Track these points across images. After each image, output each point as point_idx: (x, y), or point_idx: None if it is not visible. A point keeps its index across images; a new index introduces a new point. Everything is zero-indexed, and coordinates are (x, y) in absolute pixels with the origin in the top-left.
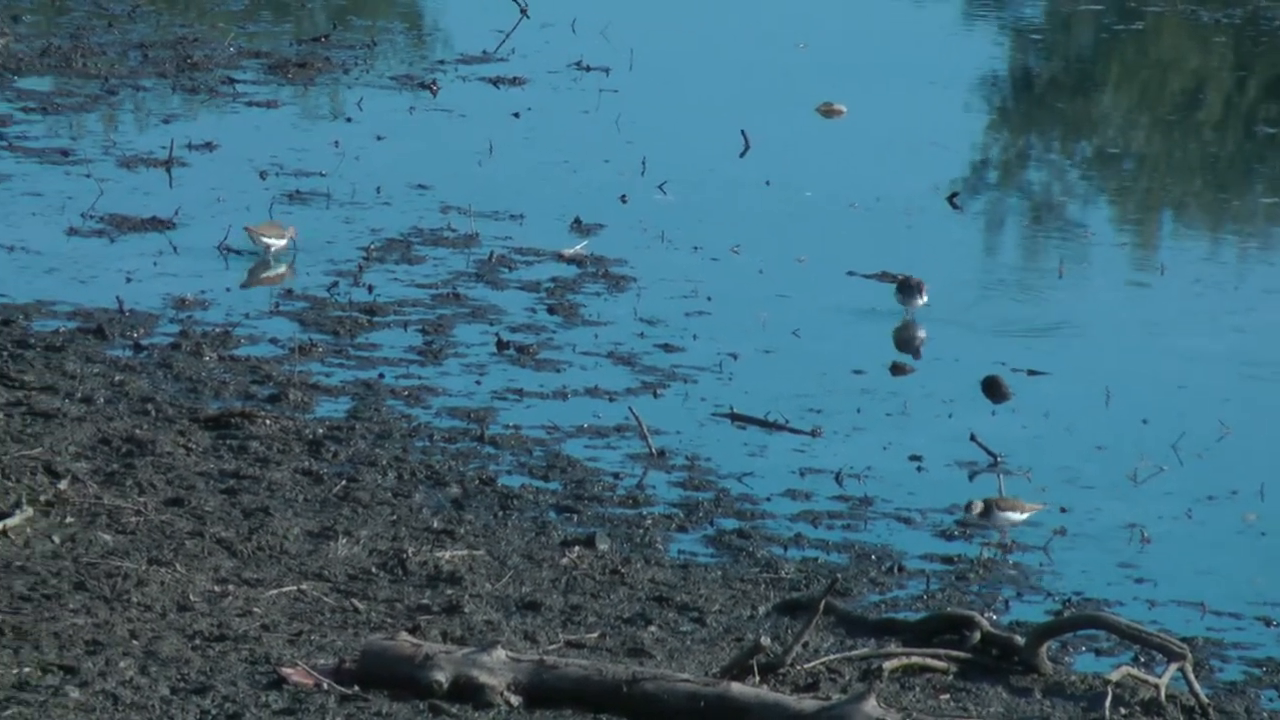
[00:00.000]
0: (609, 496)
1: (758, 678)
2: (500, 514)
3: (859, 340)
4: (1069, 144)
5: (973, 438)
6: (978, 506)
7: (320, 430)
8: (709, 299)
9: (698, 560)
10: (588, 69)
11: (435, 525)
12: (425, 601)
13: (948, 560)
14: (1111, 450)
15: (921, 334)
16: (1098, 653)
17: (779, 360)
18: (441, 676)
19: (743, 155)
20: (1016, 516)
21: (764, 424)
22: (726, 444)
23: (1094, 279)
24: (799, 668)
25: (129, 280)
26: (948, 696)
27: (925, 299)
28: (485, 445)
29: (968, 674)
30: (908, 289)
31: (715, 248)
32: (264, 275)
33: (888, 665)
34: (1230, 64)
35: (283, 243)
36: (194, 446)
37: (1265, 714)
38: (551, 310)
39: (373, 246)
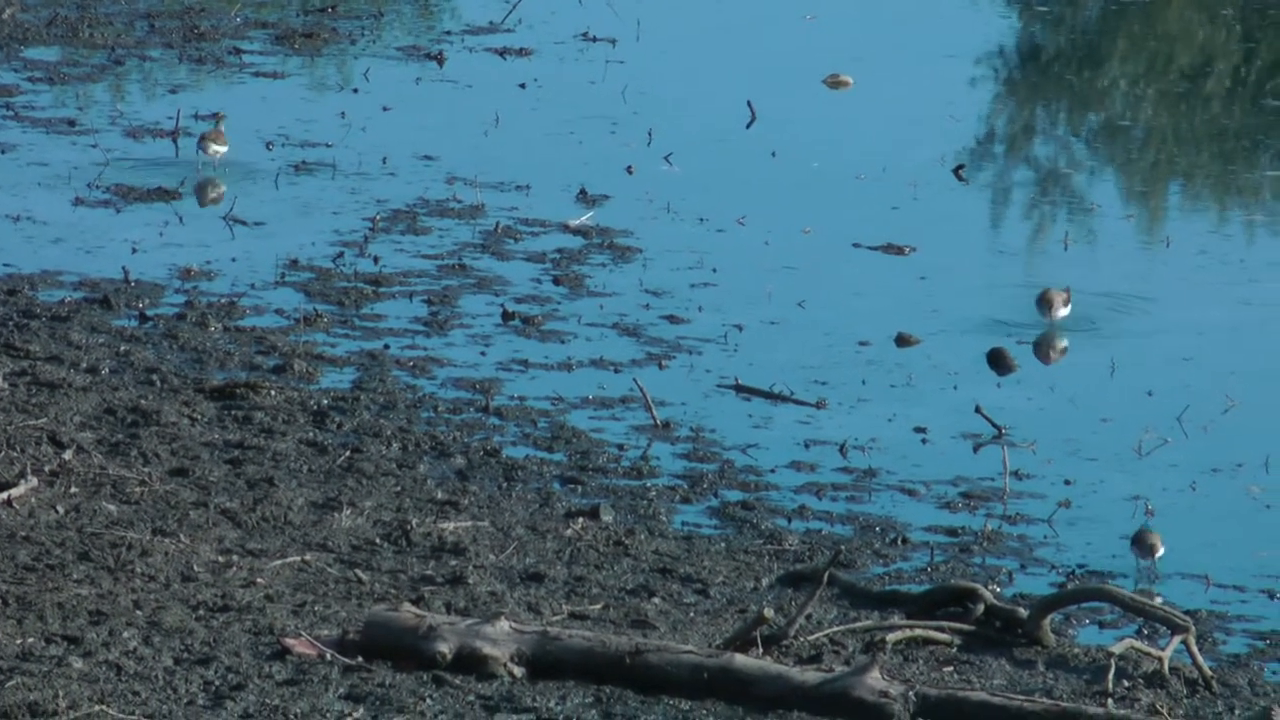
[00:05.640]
0: (613, 468)
1: (761, 649)
2: (504, 485)
3: (864, 312)
4: (1075, 117)
5: (978, 410)
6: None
7: (325, 401)
8: (714, 270)
9: (702, 532)
10: (594, 40)
11: (439, 496)
12: (429, 573)
13: (951, 532)
14: (1116, 423)
15: (1062, 344)
16: (1101, 625)
17: (784, 332)
18: (445, 648)
19: (749, 126)
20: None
21: (769, 395)
22: (731, 415)
23: (1100, 251)
24: (802, 639)
25: (135, 250)
26: (951, 668)
27: (1067, 310)
28: (490, 416)
29: (971, 646)
30: (1047, 302)
31: (721, 219)
32: (211, 192)
33: (891, 637)
34: (1238, 37)
35: (225, 148)
36: (199, 417)
37: (1268, 687)
38: (557, 281)
39: (378, 217)
